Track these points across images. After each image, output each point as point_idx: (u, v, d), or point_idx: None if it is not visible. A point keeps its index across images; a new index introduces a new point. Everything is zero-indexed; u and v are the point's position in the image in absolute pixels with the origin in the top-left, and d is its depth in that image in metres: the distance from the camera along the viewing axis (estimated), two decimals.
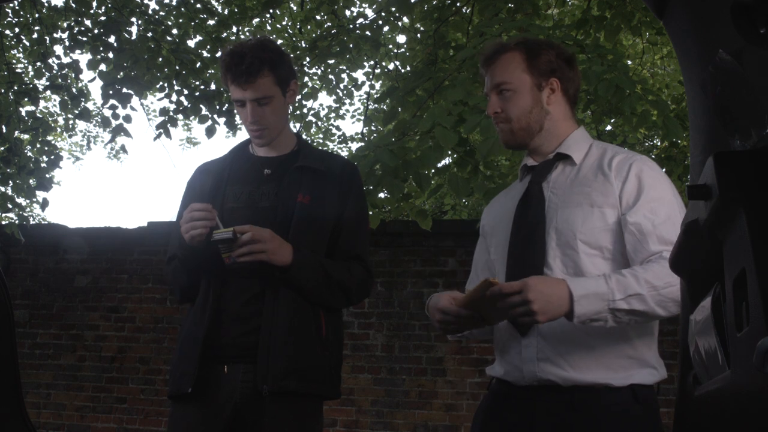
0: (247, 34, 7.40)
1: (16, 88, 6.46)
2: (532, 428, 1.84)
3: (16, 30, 7.09)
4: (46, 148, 6.50)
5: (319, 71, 7.94)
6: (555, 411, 1.82)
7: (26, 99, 6.58)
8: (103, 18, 6.48)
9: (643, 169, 1.88)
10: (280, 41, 8.00)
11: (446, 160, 5.28)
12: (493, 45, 2.06)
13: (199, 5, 6.81)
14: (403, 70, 7.20)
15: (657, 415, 1.85)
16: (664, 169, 6.10)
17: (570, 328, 1.81)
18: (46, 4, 6.90)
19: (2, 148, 6.27)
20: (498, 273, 2.01)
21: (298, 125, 8.17)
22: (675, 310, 1.77)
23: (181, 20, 6.91)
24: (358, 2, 7.68)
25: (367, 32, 6.47)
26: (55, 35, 6.80)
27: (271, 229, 2.14)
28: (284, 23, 8.18)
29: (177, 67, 6.36)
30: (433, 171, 4.64)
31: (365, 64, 8.05)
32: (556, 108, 2.00)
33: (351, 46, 6.49)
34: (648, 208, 1.83)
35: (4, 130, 6.19)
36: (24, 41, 7.26)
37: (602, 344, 1.82)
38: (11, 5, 6.68)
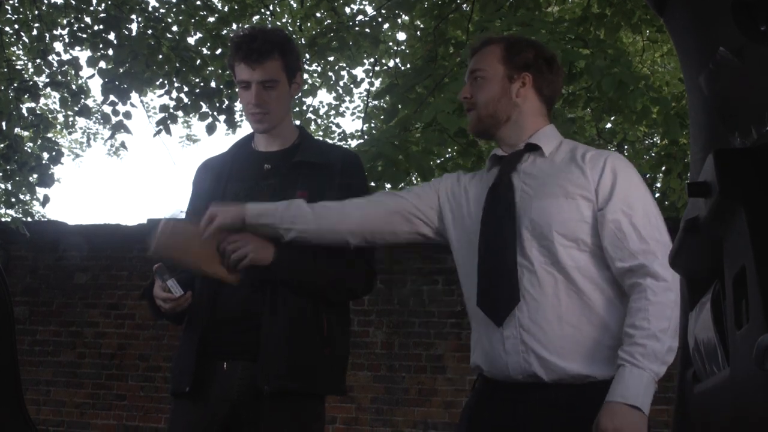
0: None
1: (16, 84, 6.45)
2: (516, 428, 1.84)
3: (16, 27, 7.08)
4: (47, 145, 6.50)
5: (318, 68, 7.93)
6: (539, 409, 1.82)
7: (26, 96, 6.57)
8: (102, 15, 6.48)
9: (618, 164, 1.90)
10: None
11: (449, 155, 5.29)
12: (481, 38, 2.14)
13: (199, 2, 6.80)
14: (402, 68, 7.19)
15: None
16: (663, 167, 6.10)
17: (550, 320, 1.83)
18: (45, 1, 6.88)
19: (2, 145, 6.26)
20: (465, 262, 2.01)
21: (297, 122, 8.15)
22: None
23: (181, 17, 6.91)
24: None
25: (367, 29, 6.46)
26: (54, 32, 6.79)
27: None
28: (284, 20, 8.17)
29: (177, 64, 6.36)
30: (435, 164, 4.65)
31: (365, 61, 8.04)
32: (526, 102, 2.03)
33: (350, 43, 6.49)
34: (625, 203, 1.85)
35: (4, 127, 6.19)
36: (24, 38, 7.25)
37: (583, 335, 1.83)
38: (11, 2, 6.68)
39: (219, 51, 6.45)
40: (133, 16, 6.60)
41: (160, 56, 6.35)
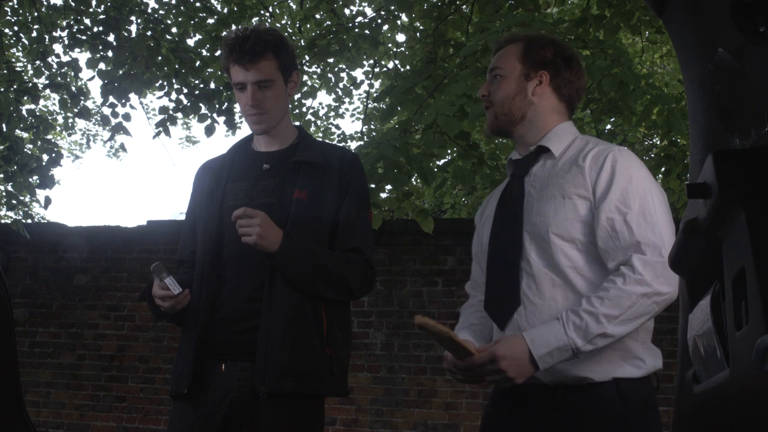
0: None
1: (16, 86, 6.45)
2: (518, 430, 1.85)
3: (16, 28, 7.08)
4: (47, 146, 6.50)
5: (318, 70, 7.93)
6: (539, 411, 1.83)
7: (26, 97, 6.57)
8: (102, 17, 6.48)
9: (618, 160, 1.86)
10: None
11: (449, 157, 5.30)
12: (506, 36, 2.13)
13: (198, 4, 6.80)
14: (402, 69, 7.20)
15: (642, 410, 1.82)
16: (663, 168, 6.09)
17: (546, 322, 1.83)
18: (45, 3, 6.89)
19: (2, 147, 6.26)
20: (480, 267, 2.06)
21: (297, 124, 8.13)
22: (645, 319, 1.78)
23: (180, 19, 6.91)
24: (357, 0, 7.67)
25: (367, 31, 6.46)
26: (54, 34, 6.80)
27: None
28: (283, 22, 8.17)
29: (176, 66, 6.36)
30: (436, 166, 4.66)
31: (364, 62, 8.04)
32: (542, 100, 2.02)
33: (350, 44, 6.49)
34: (621, 200, 1.82)
35: (5, 129, 6.19)
36: (23, 40, 7.25)
37: None
38: (10, 3, 6.68)
39: (218, 53, 6.45)
40: (133, 18, 6.60)
41: (160, 58, 6.35)
